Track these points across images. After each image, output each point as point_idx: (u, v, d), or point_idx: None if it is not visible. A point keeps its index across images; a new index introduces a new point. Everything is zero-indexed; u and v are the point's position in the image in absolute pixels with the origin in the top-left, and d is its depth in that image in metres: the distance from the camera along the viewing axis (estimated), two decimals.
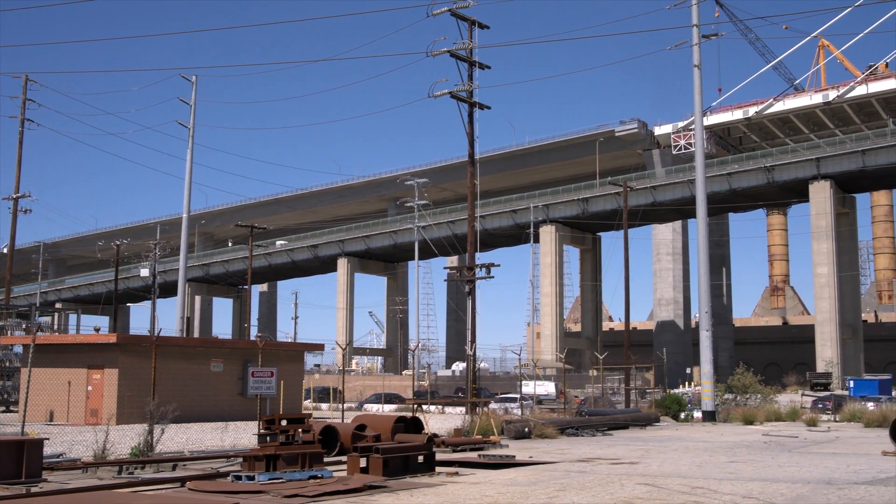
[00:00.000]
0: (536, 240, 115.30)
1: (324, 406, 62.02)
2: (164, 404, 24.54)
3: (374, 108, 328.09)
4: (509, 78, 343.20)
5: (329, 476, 19.04)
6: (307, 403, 55.38)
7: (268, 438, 19.88)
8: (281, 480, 18.16)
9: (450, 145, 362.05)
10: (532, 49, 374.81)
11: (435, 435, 27.49)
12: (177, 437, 28.65)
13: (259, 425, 21.81)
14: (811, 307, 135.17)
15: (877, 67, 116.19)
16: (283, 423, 20.25)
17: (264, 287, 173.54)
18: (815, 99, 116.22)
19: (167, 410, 24.14)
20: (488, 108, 44.54)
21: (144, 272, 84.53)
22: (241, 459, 20.90)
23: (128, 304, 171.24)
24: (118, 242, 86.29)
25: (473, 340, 42.07)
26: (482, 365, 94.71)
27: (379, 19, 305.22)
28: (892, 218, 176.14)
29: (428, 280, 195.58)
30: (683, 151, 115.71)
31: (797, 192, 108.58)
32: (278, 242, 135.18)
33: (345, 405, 47.86)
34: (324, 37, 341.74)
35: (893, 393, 72.52)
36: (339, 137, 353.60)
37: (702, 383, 50.95)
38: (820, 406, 54.93)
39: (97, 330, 53.69)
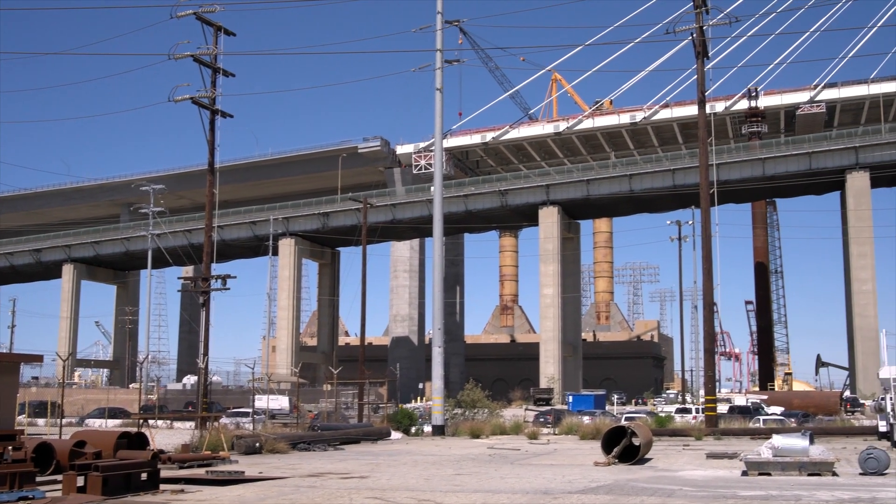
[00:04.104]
0: (275, 252, 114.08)
1: (41, 422, 58.39)
2: None
3: (111, 108, 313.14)
4: (256, 88, 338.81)
5: (41, 496, 17.87)
6: (21, 419, 51.73)
7: None
8: None
9: (190, 152, 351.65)
10: (280, 61, 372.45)
11: (161, 451, 26.50)
12: None
13: None
14: (537, 326, 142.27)
15: (602, 104, 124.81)
16: None
17: None
18: (547, 129, 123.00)
19: None
20: (231, 116, 43.81)
21: None
22: None
23: None
24: None
25: (206, 353, 40.99)
26: (215, 378, 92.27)
27: (121, 15, 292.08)
28: (612, 244, 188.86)
29: (161, 290, 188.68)
30: (423, 171, 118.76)
31: (528, 216, 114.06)
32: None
33: (64, 420, 45.22)
34: (59, 30, 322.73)
35: (607, 407, 77.67)
36: (70, 137, 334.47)
37: (433, 398, 52.27)
38: (542, 420, 57.77)
39: None
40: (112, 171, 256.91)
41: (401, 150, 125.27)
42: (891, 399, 35.45)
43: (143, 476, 19.96)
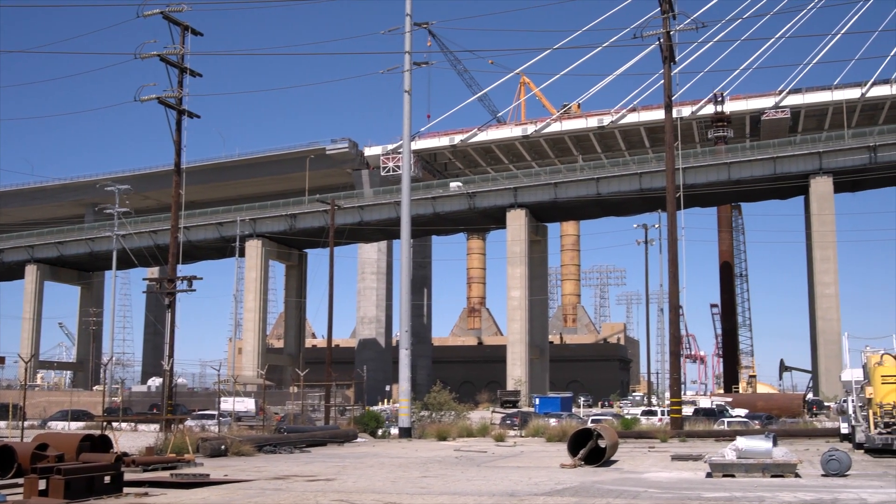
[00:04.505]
0: (242, 254, 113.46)
1: (2, 424, 57.66)
2: None
3: (75, 107, 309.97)
4: (223, 88, 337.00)
5: (2, 500, 17.63)
6: None
7: None
8: None
9: (156, 153, 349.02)
10: (248, 61, 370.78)
11: (125, 454, 26.26)
12: None
13: None
14: (504, 328, 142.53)
15: (570, 107, 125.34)
16: None
17: None
18: (516, 132, 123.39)
19: None
20: (198, 116, 43.57)
21: None
22: None
23: None
24: None
25: (171, 355, 40.69)
26: (180, 381, 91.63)
27: (86, 14, 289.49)
28: (579, 247, 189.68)
29: (126, 291, 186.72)
30: (391, 173, 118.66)
31: (496, 218, 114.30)
32: None
33: (26, 423, 44.69)
34: (22, 27, 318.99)
35: (573, 409, 77.94)
36: (34, 136, 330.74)
37: (400, 400, 52.20)
38: (508, 422, 57.81)
39: None
40: (76, 171, 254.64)
41: (369, 151, 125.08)
42: (852, 401, 35.87)
43: (107, 479, 19.74)
